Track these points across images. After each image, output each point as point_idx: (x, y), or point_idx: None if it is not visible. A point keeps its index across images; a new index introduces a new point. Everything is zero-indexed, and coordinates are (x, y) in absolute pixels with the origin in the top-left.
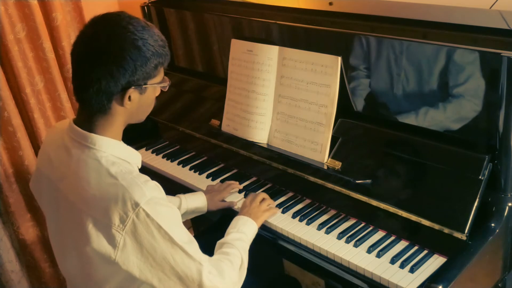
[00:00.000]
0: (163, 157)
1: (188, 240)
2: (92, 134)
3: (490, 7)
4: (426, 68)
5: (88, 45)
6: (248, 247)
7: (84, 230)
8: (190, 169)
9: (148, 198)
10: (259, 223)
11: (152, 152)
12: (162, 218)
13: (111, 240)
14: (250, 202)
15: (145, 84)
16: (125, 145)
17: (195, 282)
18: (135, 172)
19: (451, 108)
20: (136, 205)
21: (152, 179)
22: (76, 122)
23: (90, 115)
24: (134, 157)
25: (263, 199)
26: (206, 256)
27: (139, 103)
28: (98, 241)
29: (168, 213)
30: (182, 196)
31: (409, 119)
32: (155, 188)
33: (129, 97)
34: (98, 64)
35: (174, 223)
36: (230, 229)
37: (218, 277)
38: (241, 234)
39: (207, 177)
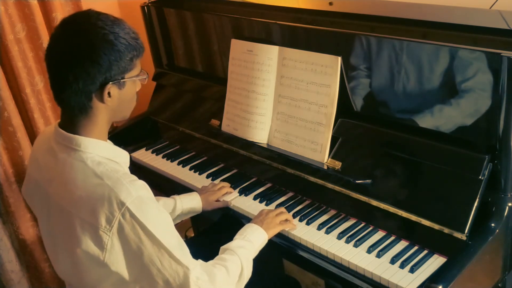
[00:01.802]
0: (163, 157)
1: (177, 244)
2: (77, 136)
3: (490, 7)
4: (426, 68)
5: (60, 46)
6: (252, 257)
7: (73, 232)
8: (190, 169)
9: (134, 197)
10: (270, 234)
11: (152, 152)
12: (149, 220)
13: (99, 242)
14: (267, 212)
15: (123, 78)
16: (111, 144)
17: (181, 287)
18: (121, 171)
19: (451, 108)
20: (122, 204)
21: (152, 179)
22: (61, 125)
23: (72, 117)
24: (121, 156)
25: (281, 213)
26: (197, 261)
27: (119, 98)
28: (87, 243)
29: (156, 215)
30: (176, 197)
31: (409, 119)
32: (142, 187)
33: (109, 94)
34: (73, 63)
35: (162, 225)
36: (237, 235)
37: (208, 283)
38: (247, 242)
39: (207, 177)
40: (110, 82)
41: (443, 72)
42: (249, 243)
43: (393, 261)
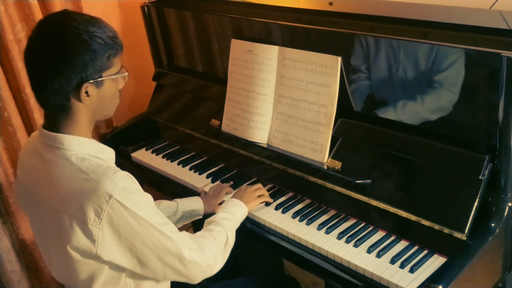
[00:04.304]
0: (163, 157)
1: (164, 222)
2: (59, 134)
3: (490, 7)
4: (426, 68)
5: (36, 48)
6: (235, 227)
7: (63, 230)
8: (190, 169)
9: (121, 188)
10: (250, 207)
11: (152, 152)
12: (136, 205)
13: (89, 236)
14: (245, 188)
15: (100, 77)
16: (95, 141)
17: (175, 258)
18: (105, 165)
19: (450, 108)
20: (109, 196)
21: (152, 179)
22: (45, 126)
23: (54, 117)
24: (106, 152)
25: (259, 188)
26: (185, 233)
27: (98, 97)
28: (77, 239)
29: (142, 199)
30: (178, 200)
31: (409, 119)
32: (126, 178)
33: (87, 93)
34: (47, 64)
35: (148, 208)
36: (220, 209)
37: (199, 253)
38: (229, 215)
39: (207, 177)
40: (87, 82)
41: (442, 72)
42: (231, 215)
43: (393, 261)
